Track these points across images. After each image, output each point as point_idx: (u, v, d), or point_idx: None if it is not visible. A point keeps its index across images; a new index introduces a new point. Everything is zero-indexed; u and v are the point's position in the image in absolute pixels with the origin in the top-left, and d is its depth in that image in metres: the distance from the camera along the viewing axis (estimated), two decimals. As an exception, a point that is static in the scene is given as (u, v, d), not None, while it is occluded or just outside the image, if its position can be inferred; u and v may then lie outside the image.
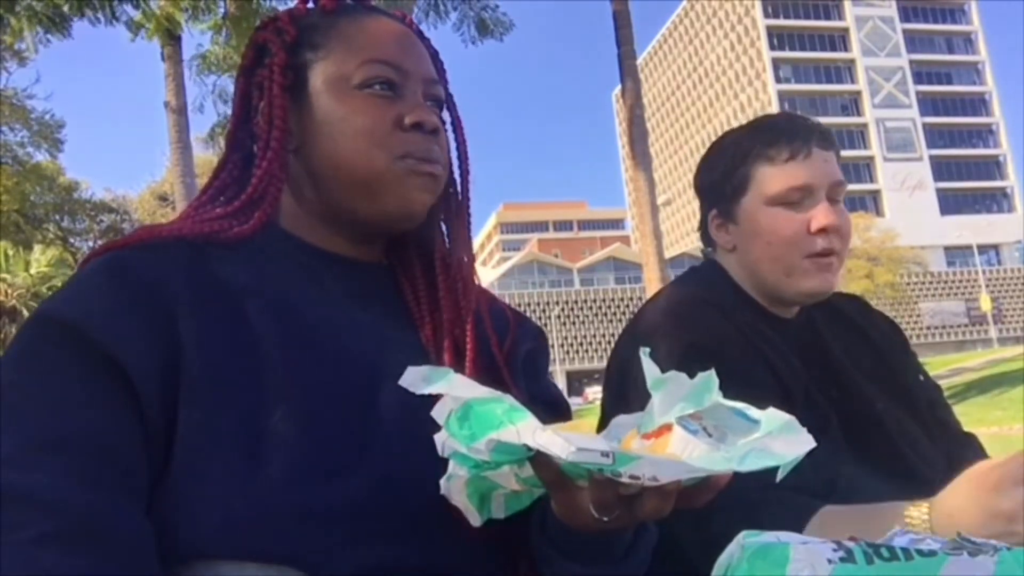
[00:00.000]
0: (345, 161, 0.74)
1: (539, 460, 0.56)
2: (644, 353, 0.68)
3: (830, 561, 0.42)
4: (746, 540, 0.45)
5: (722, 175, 1.16)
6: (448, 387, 0.57)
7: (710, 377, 0.64)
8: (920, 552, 0.44)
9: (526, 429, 0.54)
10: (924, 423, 1.16)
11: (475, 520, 0.64)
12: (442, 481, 0.62)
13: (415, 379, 0.58)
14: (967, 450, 1.18)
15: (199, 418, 0.62)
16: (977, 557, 0.44)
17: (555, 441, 0.52)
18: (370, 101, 0.74)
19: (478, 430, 0.56)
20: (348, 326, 0.74)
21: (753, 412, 0.60)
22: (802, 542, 0.44)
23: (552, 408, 0.85)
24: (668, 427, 0.61)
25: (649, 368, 0.64)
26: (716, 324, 1.07)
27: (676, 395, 0.63)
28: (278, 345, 0.67)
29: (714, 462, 0.53)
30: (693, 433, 0.57)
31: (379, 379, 0.70)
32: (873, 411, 1.12)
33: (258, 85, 0.78)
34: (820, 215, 1.08)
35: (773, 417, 0.58)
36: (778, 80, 54.50)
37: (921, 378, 1.24)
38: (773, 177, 1.10)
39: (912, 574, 0.42)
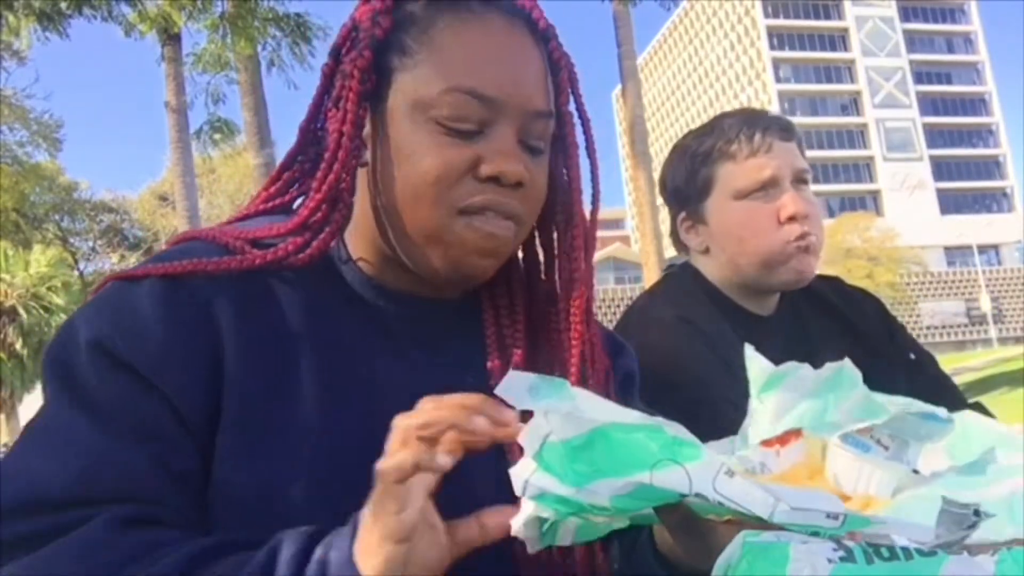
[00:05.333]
0: (402, 202, 0.64)
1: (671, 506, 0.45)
2: (750, 350, 0.62)
3: (830, 561, 0.41)
4: (746, 540, 0.44)
5: (685, 179, 1.17)
6: (563, 403, 0.45)
7: (843, 368, 0.56)
8: (920, 552, 0.43)
9: (703, 472, 0.41)
10: None
11: (533, 547, 0.53)
12: (516, 521, 0.51)
13: (517, 388, 0.45)
14: None
15: (226, 464, 0.60)
16: (977, 557, 0.43)
17: (754, 495, 0.40)
18: (445, 141, 0.62)
19: (608, 467, 0.42)
20: (402, 376, 0.66)
21: (942, 412, 0.51)
22: (802, 542, 0.43)
23: None
24: (797, 433, 0.54)
25: (761, 366, 0.59)
26: (688, 345, 1.06)
27: (800, 391, 0.56)
28: (318, 400, 0.62)
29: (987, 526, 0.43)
30: (864, 450, 0.48)
31: None
32: None
33: (341, 73, 0.66)
34: (789, 203, 1.09)
35: (1004, 434, 0.50)
36: (778, 80, 54.46)
37: (911, 356, 1.23)
38: (738, 174, 1.11)
39: (912, 574, 0.41)
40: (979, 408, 1.23)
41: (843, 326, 1.22)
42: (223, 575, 0.51)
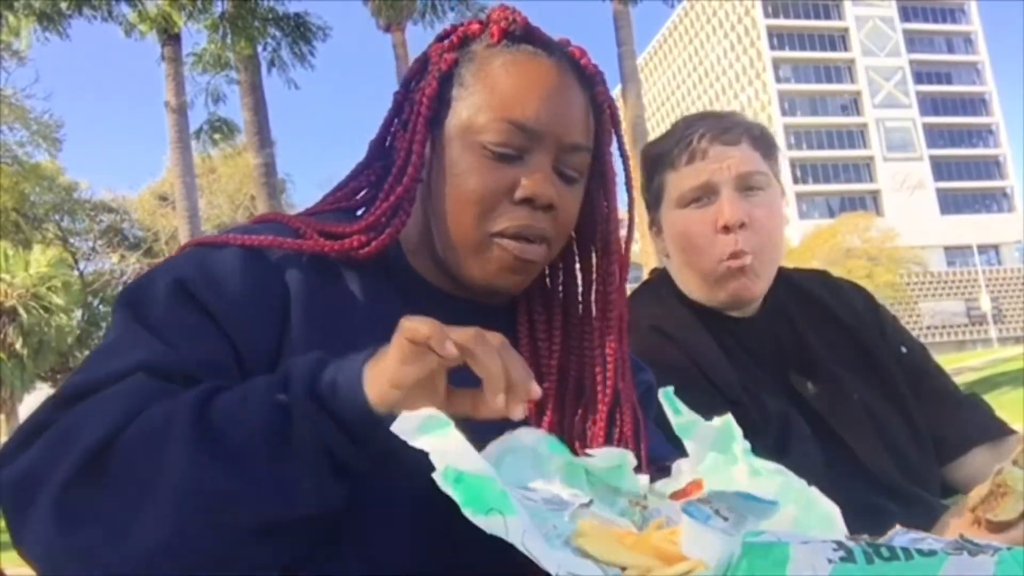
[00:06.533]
0: (448, 215, 0.73)
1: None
2: (665, 394, 0.65)
3: (830, 561, 0.42)
4: (746, 540, 0.44)
5: (644, 187, 1.18)
6: (441, 444, 0.50)
7: (728, 422, 0.62)
8: (920, 552, 0.43)
9: (515, 526, 0.46)
10: (905, 410, 1.14)
11: None
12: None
13: (408, 427, 0.52)
14: (969, 417, 1.17)
15: None
16: (977, 557, 0.43)
17: (546, 556, 0.46)
18: (488, 164, 0.72)
19: (464, 502, 0.48)
20: None
21: (764, 495, 0.53)
22: (802, 541, 0.43)
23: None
24: (698, 484, 0.58)
25: (674, 408, 0.62)
26: (663, 356, 1.04)
27: (705, 444, 0.61)
28: None
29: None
30: (704, 520, 0.50)
31: None
32: (852, 402, 1.10)
33: (410, 102, 0.76)
34: (724, 210, 1.06)
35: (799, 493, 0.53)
36: (778, 80, 54.46)
37: (903, 349, 1.21)
38: (676, 181, 1.10)
39: (912, 574, 0.42)
40: (977, 400, 1.22)
41: (832, 321, 1.19)
42: (238, 396, 0.57)
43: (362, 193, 0.81)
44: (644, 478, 0.61)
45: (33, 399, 20.36)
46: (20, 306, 18.52)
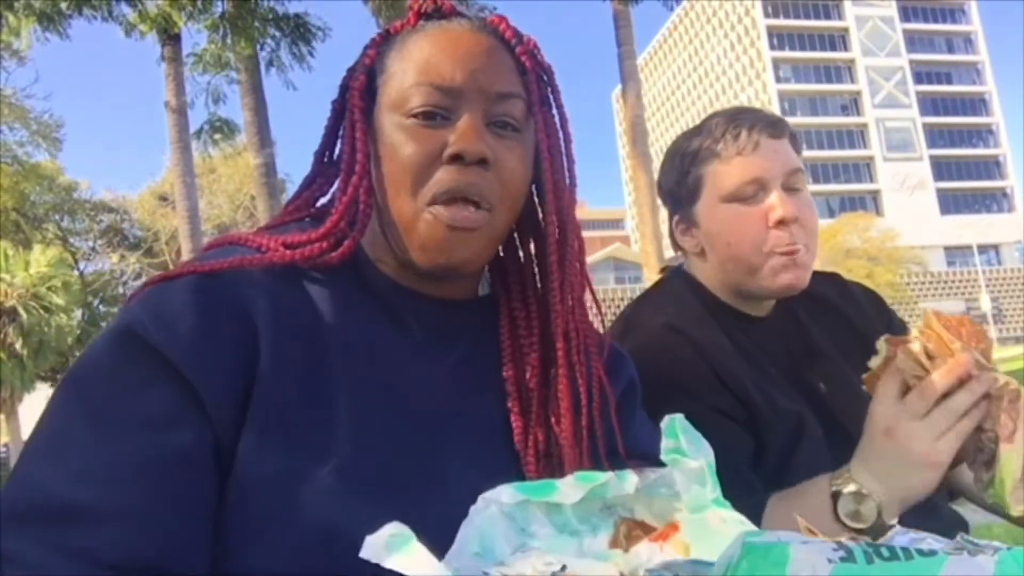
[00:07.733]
0: (389, 195, 0.71)
1: None
2: (671, 420, 0.60)
3: (830, 561, 0.42)
4: (746, 540, 0.44)
5: (677, 180, 1.14)
6: (407, 560, 0.48)
7: (709, 466, 0.57)
8: (920, 552, 0.43)
9: None
10: None
11: None
12: None
13: (376, 549, 0.49)
14: None
15: (252, 453, 0.60)
16: (977, 557, 0.43)
17: None
18: (417, 131, 0.69)
19: None
20: (423, 376, 0.71)
21: (707, 555, 0.51)
22: (802, 542, 0.43)
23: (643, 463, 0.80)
24: (675, 526, 0.55)
25: (673, 432, 0.58)
26: (675, 354, 1.03)
27: (691, 477, 0.57)
28: (348, 392, 0.65)
29: None
30: None
31: (444, 441, 0.68)
32: (863, 402, 1.11)
33: (347, 102, 0.76)
34: (777, 205, 1.04)
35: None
36: (778, 80, 54.49)
37: None
38: (724, 174, 1.08)
39: (912, 574, 0.42)
40: None
41: (842, 324, 1.19)
42: None
43: (320, 201, 0.78)
44: (632, 479, 0.57)
45: (33, 399, 20.36)
46: (20, 306, 18.52)
